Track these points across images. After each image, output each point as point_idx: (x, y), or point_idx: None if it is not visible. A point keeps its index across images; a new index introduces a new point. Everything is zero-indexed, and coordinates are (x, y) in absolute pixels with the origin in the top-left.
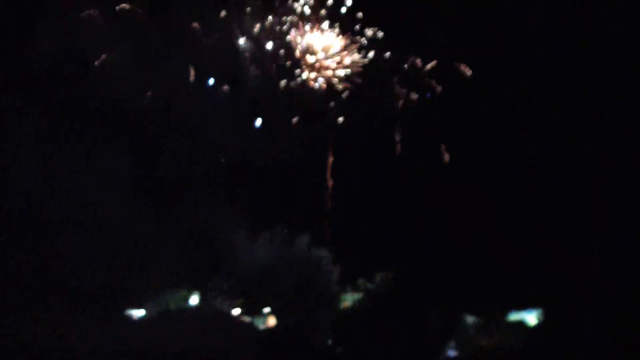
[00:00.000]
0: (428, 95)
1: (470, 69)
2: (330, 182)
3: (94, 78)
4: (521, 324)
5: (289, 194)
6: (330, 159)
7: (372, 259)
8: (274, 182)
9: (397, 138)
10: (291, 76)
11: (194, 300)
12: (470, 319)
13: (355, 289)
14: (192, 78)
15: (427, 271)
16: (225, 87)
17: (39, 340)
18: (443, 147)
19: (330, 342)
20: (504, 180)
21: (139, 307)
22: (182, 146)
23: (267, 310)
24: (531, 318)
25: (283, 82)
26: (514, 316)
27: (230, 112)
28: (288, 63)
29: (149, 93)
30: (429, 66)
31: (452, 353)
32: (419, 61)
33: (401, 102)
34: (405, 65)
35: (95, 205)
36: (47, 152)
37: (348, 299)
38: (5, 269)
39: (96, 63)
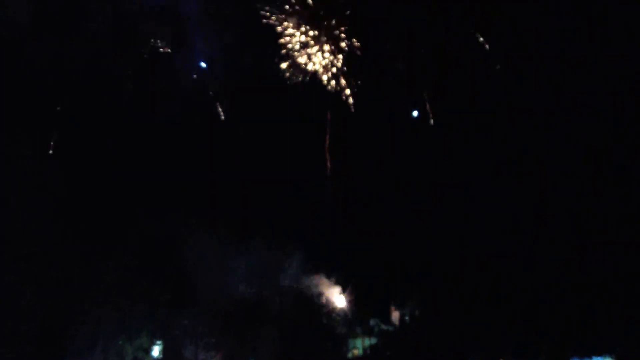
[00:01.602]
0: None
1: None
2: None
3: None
4: None
5: (276, 196)
6: (327, 139)
7: (387, 291)
8: (254, 180)
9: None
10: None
11: (157, 350)
12: None
13: (368, 331)
14: None
15: (462, 306)
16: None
17: None
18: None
19: None
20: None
21: None
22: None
23: None
24: None
25: None
26: None
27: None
28: None
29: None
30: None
31: None
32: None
33: None
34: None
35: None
36: None
37: (358, 346)
38: None
39: None
